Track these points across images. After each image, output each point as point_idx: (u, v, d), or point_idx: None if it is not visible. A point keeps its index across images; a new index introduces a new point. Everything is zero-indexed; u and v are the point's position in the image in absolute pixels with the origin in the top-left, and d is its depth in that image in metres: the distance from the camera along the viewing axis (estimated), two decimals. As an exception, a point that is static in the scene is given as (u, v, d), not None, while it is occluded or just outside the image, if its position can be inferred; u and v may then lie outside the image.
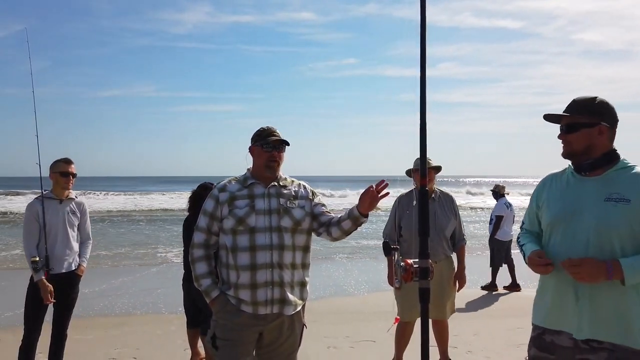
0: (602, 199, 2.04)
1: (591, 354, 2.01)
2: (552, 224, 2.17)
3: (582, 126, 2.12)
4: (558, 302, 2.12)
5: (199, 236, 2.68)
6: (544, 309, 2.20)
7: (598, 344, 2.01)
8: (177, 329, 5.80)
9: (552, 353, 2.13)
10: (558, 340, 2.11)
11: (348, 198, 37.66)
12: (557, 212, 2.15)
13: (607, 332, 2.00)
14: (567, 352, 2.08)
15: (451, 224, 4.27)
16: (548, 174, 2.34)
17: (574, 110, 2.16)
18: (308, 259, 2.76)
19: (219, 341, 2.58)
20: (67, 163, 3.99)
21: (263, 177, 2.69)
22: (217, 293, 2.62)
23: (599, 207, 2.03)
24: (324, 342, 5.23)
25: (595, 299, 2.02)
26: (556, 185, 2.23)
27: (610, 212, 2.00)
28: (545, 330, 2.17)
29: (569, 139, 2.15)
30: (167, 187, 54.44)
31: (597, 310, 2.01)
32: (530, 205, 2.35)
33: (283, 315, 2.61)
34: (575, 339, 2.05)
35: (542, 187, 2.31)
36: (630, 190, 2.01)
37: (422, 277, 2.42)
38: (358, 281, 8.65)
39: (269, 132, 2.70)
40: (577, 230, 2.06)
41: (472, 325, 5.22)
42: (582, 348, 2.04)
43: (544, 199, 2.25)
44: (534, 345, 2.21)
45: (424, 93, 2.48)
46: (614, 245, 2.00)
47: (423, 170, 2.50)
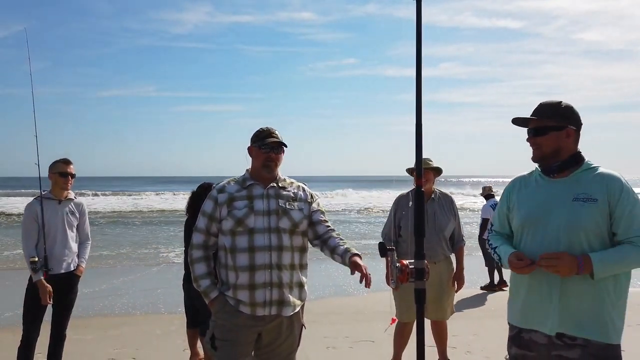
0: (570, 199, 2.12)
1: (565, 350, 2.09)
2: (523, 225, 2.24)
3: (551, 129, 2.19)
4: (531, 301, 2.20)
5: (198, 237, 2.68)
6: (518, 308, 2.27)
7: (571, 340, 2.08)
8: (177, 329, 5.80)
9: (531, 350, 2.20)
10: (535, 337, 2.18)
11: (348, 197, 37.66)
12: (528, 213, 2.22)
13: (580, 328, 2.08)
14: (543, 348, 2.15)
15: (450, 224, 4.28)
16: (515, 176, 2.41)
17: (542, 114, 2.22)
18: (305, 259, 2.77)
19: (217, 342, 2.59)
20: (65, 163, 3.99)
21: (262, 177, 2.69)
22: (216, 294, 2.62)
23: (568, 207, 2.11)
24: (323, 343, 5.24)
25: (568, 296, 2.10)
26: (525, 188, 2.30)
27: (578, 211, 2.08)
28: (522, 329, 2.24)
29: (538, 142, 2.21)
30: (166, 187, 54.44)
31: (570, 307, 2.09)
32: (500, 207, 2.42)
33: (281, 316, 2.62)
34: (549, 336, 2.13)
35: (511, 189, 2.37)
36: (597, 190, 2.10)
37: (417, 277, 2.43)
38: (357, 281, 8.64)
39: (267, 133, 2.70)
40: (548, 230, 2.14)
41: (472, 325, 5.23)
42: (556, 344, 2.11)
43: (514, 201, 2.32)
44: (514, 344, 2.28)
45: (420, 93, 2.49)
46: (583, 244, 2.08)
47: (419, 171, 2.50)
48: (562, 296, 2.09)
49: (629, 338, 5.29)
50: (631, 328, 5.62)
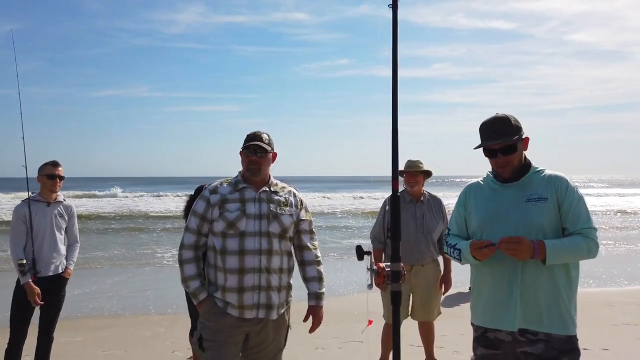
0: (523, 200, 2.29)
1: (529, 346, 2.20)
2: (480, 227, 2.38)
3: (517, 144, 2.33)
4: (493, 301, 2.30)
5: (189, 237, 2.69)
6: (481, 308, 2.37)
7: (534, 335, 2.20)
8: (166, 330, 5.80)
9: (497, 348, 2.31)
10: (500, 336, 2.28)
11: (343, 200, 37.74)
12: (485, 216, 2.37)
13: (541, 322, 2.20)
14: (509, 346, 2.26)
15: (439, 227, 4.31)
16: (469, 183, 2.55)
17: (507, 134, 2.30)
18: (293, 262, 2.80)
19: (205, 342, 2.60)
20: (54, 166, 3.98)
21: (252, 180, 2.72)
22: (205, 295, 2.64)
23: (521, 208, 2.28)
24: (312, 343, 5.25)
25: (528, 293, 2.21)
26: (480, 193, 2.45)
27: (531, 211, 2.25)
28: (487, 329, 2.33)
29: (511, 159, 2.32)
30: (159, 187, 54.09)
31: (530, 304, 2.21)
32: (456, 214, 2.54)
33: (268, 319, 2.64)
34: (513, 334, 2.24)
35: (466, 195, 2.50)
36: (547, 190, 2.28)
37: (394, 280, 2.46)
38: (347, 282, 8.68)
39: (252, 136, 2.73)
40: (504, 230, 2.26)
41: (459, 325, 5.26)
42: (520, 341, 2.22)
43: (471, 206, 2.44)
44: (480, 345, 2.37)
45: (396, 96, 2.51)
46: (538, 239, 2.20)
47: (395, 174, 2.53)
48: (522, 293, 2.22)
49: (613, 337, 5.44)
50: (616, 327, 5.75)
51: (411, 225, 4.17)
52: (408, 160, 4.34)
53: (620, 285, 8.53)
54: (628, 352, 4.91)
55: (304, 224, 2.80)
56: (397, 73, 2.54)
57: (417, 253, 4.18)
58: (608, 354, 4.82)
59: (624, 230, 16.47)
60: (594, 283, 8.48)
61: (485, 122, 2.38)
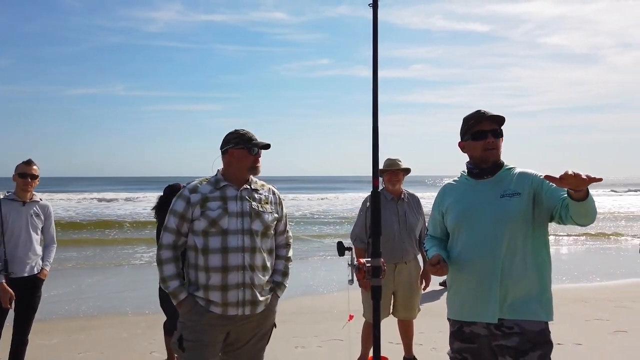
0: (497, 196, 2.36)
1: (504, 340, 2.26)
2: (457, 224, 2.45)
3: (502, 134, 2.45)
4: (471, 294, 2.36)
5: (167, 237, 2.66)
6: (459, 303, 2.43)
7: (509, 329, 2.26)
8: (144, 331, 5.73)
9: (473, 342, 2.37)
10: (475, 330, 2.35)
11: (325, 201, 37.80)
12: (460, 213, 2.44)
13: (514, 312, 2.27)
14: (484, 340, 2.33)
15: (419, 224, 4.37)
16: (445, 183, 2.64)
17: (496, 119, 2.41)
18: (274, 259, 2.81)
19: (186, 342, 2.59)
20: (27, 164, 3.91)
21: (237, 179, 2.70)
22: (185, 295, 2.62)
23: (497, 203, 2.35)
24: (292, 342, 5.26)
25: (506, 285, 2.28)
26: (456, 192, 2.52)
27: (506, 206, 2.33)
28: (462, 323, 2.39)
29: (498, 144, 2.42)
30: (137, 187, 53.31)
31: (508, 295, 2.28)
32: (432, 214, 2.62)
33: (252, 315, 2.64)
34: (489, 328, 2.30)
35: (442, 195, 2.59)
36: (520, 186, 2.36)
37: (374, 275, 2.49)
38: (327, 280, 8.71)
39: (251, 135, 2.73)
40: (481, 225, 2.35)
41: (437, 323, 5.32)
42: (495, 334, 2.29)
43: (447, 205, 2.51)
44: (456, 339, 2.43)
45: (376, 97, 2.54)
46: (512, 233, 2.30)
47: (375, 172, 2.56)
48: (501, 286, 2.28)
49: (586, 333, 5.57)
50: (589, 323, 5.90)
51: (395, 223, 4.21)
52: (387, 159, 4.36)
53: (593, 281, 8.75)
54: (600, 347, 5.04)
55: (280, 224, 2.83)
56: (377, 69, 2.56)
57: (402, 250, 4.22)
58: (581, 349, 4.94)
59: (595, 229, 16.91)
60: (567, 280, 8.69)
61: (473, 112, 2.47)
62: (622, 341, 5.24)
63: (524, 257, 2.31)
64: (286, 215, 2.90)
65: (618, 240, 14.59)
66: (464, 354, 2.40)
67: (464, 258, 2.39)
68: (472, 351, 2.38)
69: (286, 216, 2.90)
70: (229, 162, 2.72)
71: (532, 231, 2.34)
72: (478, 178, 2.45)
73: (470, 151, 2.48)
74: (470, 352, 2.38)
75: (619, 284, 8.39)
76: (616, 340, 5.26)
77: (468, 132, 2.46)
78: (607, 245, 13.66)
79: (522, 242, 2.32)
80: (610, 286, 8.26)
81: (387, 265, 3.67)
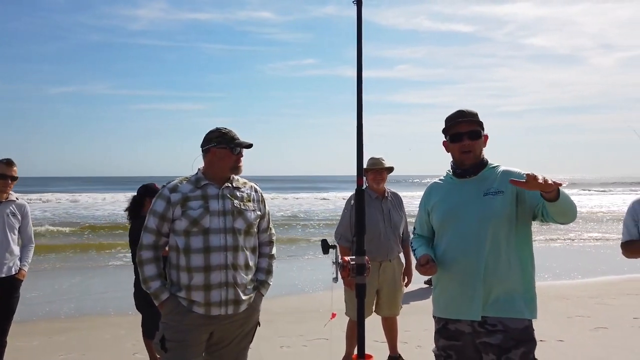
0: (481, 195, 2.37)
1: (488, 337, 2.28)
2: (442, 223, 2.47)
3: (481, 135, 2.45)
4: (456, 292, 2.38)
5: (148, 237, 2.63)
6: (444, 300, 2.45)
7: (492, 327, 2.27)
8: (127, 332, 5.65)
9: (457, 340, 2.38)
10: (460, 327, 2.36)
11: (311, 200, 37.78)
12: (445, 212, 2.46)
13: (498, 310, 2.28)
14: (468, 337, 2.34)
15: (402, 222, 4.40)
16: (431, 183, 2.64)
17: (473, 120, 2.41)
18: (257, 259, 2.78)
19: (168, 343, 2.55)
20: (7, 165, 3.83)
21: (219, 178, 2.67)
22: (167, 295, 2.59)
23: (480, 201, 2.36)
24: (277, 342, 5.24)
25: (490, 283, 2.29)
26: (441, 191, 2.54)
27: (490, 204, 2.34)
28: (448, 321, 2.41)
29: (474, 146, 2.41)
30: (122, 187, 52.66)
31: (489, 293, 2.29)
32: (419, 213, 2.64)
33: (236, 315, 2.62)
34: (473, 325, 2.31)
35: (428, 195, 2.60)
36: (504, 184, 2.36)
37: (358, 273, 2.49)
38: (313, 280, 8.70)
39: (233, 134, 2.70)
40: (465, 224, 2.37)
41: (423, 321, 5.34)
42: (479, 332, 2.30)
43: (432, 204, 2.53)
44: (441, 337, 2.45)
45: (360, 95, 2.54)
46: (496, 231, 2.31)
47: (359, 170, 2.55)
48: (485, 284, 2.30)
49: (568, 329, 5.65)
50: (571, 320, 5.99)
51: (380, 221, 4.22)
52: (371, 158, 4.37)
53: (574, 279, 8.88)
54: (582, 343, 5.12)
55: (263, 222, 2.81)
56: (362, 64, 2.55)
57: (387, 248, 4.23)
58: (563, 345, 5.01)
59: (575, 227, 17.17)
60: (550, 277, 8.80)
61: (454, 112, 2.48)
62: (603, 337, 5.32)
63: (507, 255, 2.32)
64: (269, 212, 2.88)
65: (597, 239, 14.83)
66: (448, 351, 2.42)
67: (449, 256, 2.40)
68: (457, 348, 2.39)
69: (269, 213, 2.88)
70: (210, 161, 2.69)
71: (515, 229, 2.35)
72: (461, 177, 2.46)
73: (450, 152, 2.50)
74: (455, 350, 2.39)
75: (599, 281, 8.52)
76: (597, 337, 5.34)
77: (447, 133, 2.48)
78: (587, 243, 13.87)
79: (505, 240, 2.33)
80: (591, 283, 8.38)
81: (373, 264, 3.68)
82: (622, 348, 4.82)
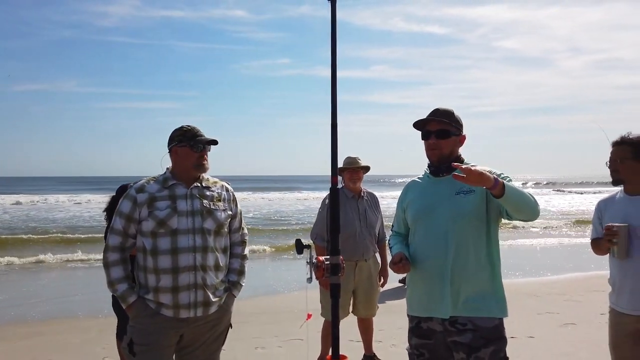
0: (453, 194, 2.39)
1: (458, 336, 2.31)
2: (415, 220, 2.49)
3: (452, 134, 2.45)
4: (428, 290, 2.40)
5: (114, 239, 2.56)
6: (415, 299, 2.47)
7: (462, 326, 2.30)
8: (97, 335, 5.52)
9: (430, 338, 2.41)
10: (432, 326, 2.39)
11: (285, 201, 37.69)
12: (418, 209, 2.49)
13: (469, 309, 2.30)
14: (440, 336, 2.37)
15: (378, 222, 4.41)
16: (409, 181, 2.66)
17: (444, 117, 2.43)
18: (229, 259, 2.74)
19: (136, 347, 2.50)
20: None
21: (186, 177, 2.62)
22: (134, 298, 2.53)
23: (452, 200, 2.38)
24: (252, 343, 5.19)
25: (456, 282, 2.32)
26: (417, 189, 2.57)
27: (460, 203, 2.36)
28: (420, 319, 2.43)
29: (440, 144, 2.43)
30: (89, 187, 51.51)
31: (459, 292, 2.32)
32: (397, 210, 2.66)
33: (205, 317, 2.57)
34: (444, 324, 2.34)
35: (405, 192, 2.64)
36: None
37: (333, 273, 2.48)
38: (288, 280, 8.66)
39: (195, 131, 2.63)
40: (437, 222, 2.38)
41: (397, 320, 5.38)
42: (450, 331, 2.33)
43: (408, 202, 2.56)
44: (414, 335, 2.47)
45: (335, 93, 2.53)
46: (466, 229, 2.33)
47: (334, 169, 2.55)
48: (453, 283, 2.32)
49: (538, 325, 5.76)
50: (541, 316, 6.12)
51: (356, 220, 4.22)
52: (347, 157, 4.37)
53: (544, 276, 9.09)
54: (551, 339, 5.23)
55: (235, 222, 2.77)
56: (336, 63, 2.54)
57: (363, 248, 4.23)
58: (533, 341, 5.11)
59: (544, 224, 17.61)
60: (520, 274, 8.98)
61: (431, 111, 2.49)
62: (572, 333, 5.45)
63: (477, 254, 2.34)
64: (241, 212, 2.84)
65: (565, 236, 15.22)
66: (421, 350, 2.43)
67: (420, 255, 2.42)
68: (429, 347, 2.41)
69: (241, 213, 2.84)
70: (174, 160, 2.65)
71: (485, 228, 2.37)
72: (436, 176, 2.48)
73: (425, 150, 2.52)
74: (427, 348, 2.41)
75: (567, 279, 8.74)
76: (566, 333, 5.48)
77: (418, 130, 2.50)
78: (557, 241, 14.22)
79: (475, 239, 2.35)
80: (559, 280, 8.60)
81: (349, 263, 3.67)
82: (590, 343, 4.95)
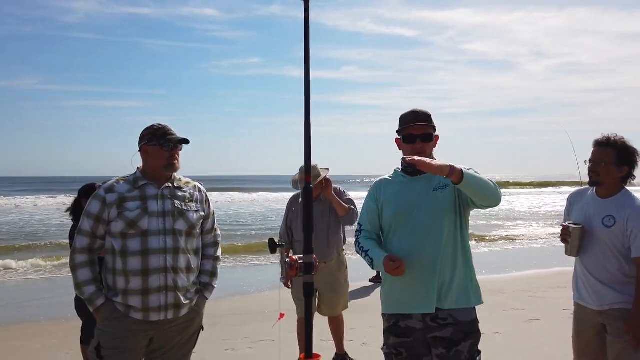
0: (431, 190, 2.43)
1: (439, 331, 2.34)
2: (393, 221, 2.47)
3: (433, 136, 2.50)
4: (408, 288, 2.40)
5: (82, 240, 2.48)
6: (395, 297, 2.47)
7: (443, 320, 2.34)
8: (60, 341, 5.35)
9: (408, 337, 2.42)
10: (411, 324, 2.40)
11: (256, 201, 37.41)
12: (397, 209, 2.46)
13: (450, 301, 2.35)
14: (419, 333, 2.39)
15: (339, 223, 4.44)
16: (378, 179, 2.63)
17: (426, 123, 2.47)
18: (200, 260, 2.70)
19: (104, 350, 2.43)
20: None
21: (157, 177, 2.57)
22: (102, 301, 2.46)
23: (430, 197, 2.42)
24: (222, 345, 5.13)
25: (442, 276, 2.36)
26: (390, 188, 2.54)
27: (438, 198, 2.41)
28: (398, 318, 2.44)
29: (426, 148, 2.47)
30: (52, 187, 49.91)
31: (442, 285, 2.36)
32: (368, 208, 2.59)
33: (176, 320, 2.52)
34: (425, 320, 2.36)
35: (377, 189, 2.60)
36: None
37: (306, 272, 2.47)
38: (257, 280, 8.60)
39: (166, 130, 2.57)
40: (419, 220, 2.40)
41: (367, 318, 5.42)
42: (430, 326, 2.36)
43: (383, 200, 2.53)
44: (392, 334, 2.47)
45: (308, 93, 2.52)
46: (445, 223, 2.38)
47: (308, 168, 2.54)
48: (439, 276, 2.35)
49: (504, 322, 5.90)
50: (506, 313, 6.27)
51: (318, 223, 4.23)
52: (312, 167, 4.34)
53: (510, 273, 9.32)
54: (517, 335, 5.37)
55: (207, 223, 2.72)
56: (309, 63, 2.53)
57: (323, 250, 4.24)
58: (500, 337, 5.23)
59: (509, 223, 18.08)
60: (486, 272, 9.18)
61: (408, 112, 2.50)
62: (536, 328, 5.61)
63: (455, 246, 2.40)
64: (214, 213, 2.80)
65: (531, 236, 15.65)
66: (399, 349, 2.43)
67: (402, 254, 2.37)
68: (407, 345, 2.41)
69: (214, 214, 2.79)
70: (145, 159, 2.60)
71: (460, 221, 2.42)
72: (413, 175, 2.48)
73: (403, 152, 2.51)
74: (405, 347, 2.41)
75: (531, 275, 8.99)
76: (531, 328, 5.63)
77: (400, 133, 2.50)
78: (521, 240, 14.60)
79: (454, 232, 2.40)
80: (524, 277, 8.83)
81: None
82: (554, 338, 5.10)
